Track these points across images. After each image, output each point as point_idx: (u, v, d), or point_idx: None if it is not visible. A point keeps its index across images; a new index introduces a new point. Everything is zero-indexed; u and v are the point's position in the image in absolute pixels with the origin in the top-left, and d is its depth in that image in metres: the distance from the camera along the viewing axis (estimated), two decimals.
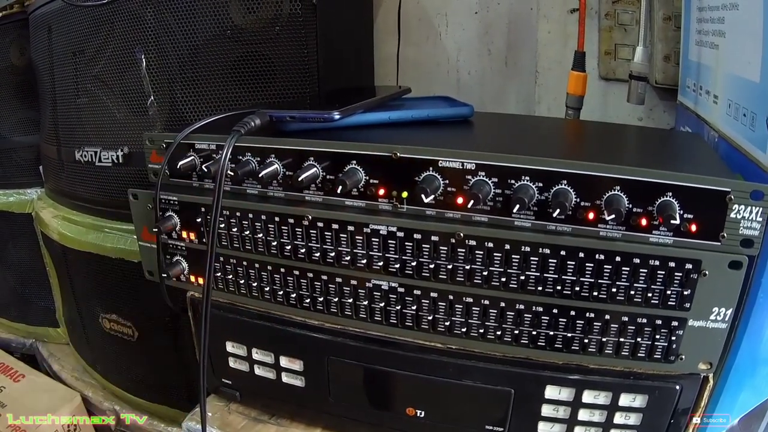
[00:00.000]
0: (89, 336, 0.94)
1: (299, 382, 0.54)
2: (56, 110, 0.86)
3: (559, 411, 0.47)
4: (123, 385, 0.92)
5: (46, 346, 1.10)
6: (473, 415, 0.49)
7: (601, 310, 0.43)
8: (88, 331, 0.94)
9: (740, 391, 0.46)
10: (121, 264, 0.80)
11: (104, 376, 0.95)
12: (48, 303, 1.06)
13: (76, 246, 0.85)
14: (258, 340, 0.54)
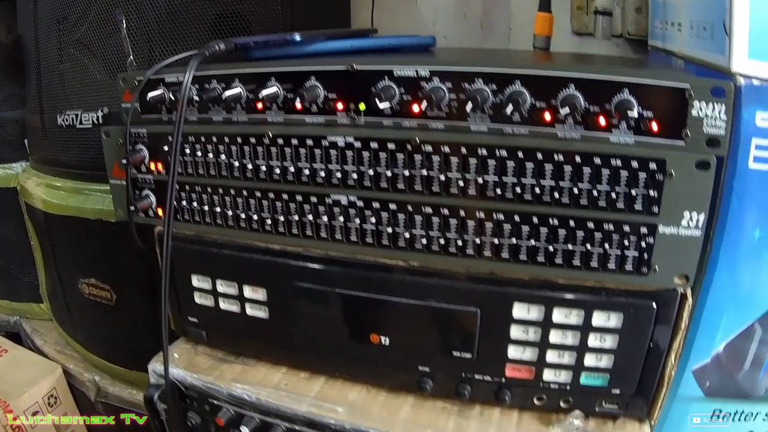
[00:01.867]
0: (70, 305, 0.94)
1: (263, 314, 0.54)
2: (40, 78, 0.87)
3: (530, 332, 0.46)
4: (103, 353, 0.91)
5: (29, 323, 1.09)
6: (439, 341, 0.48)
7: (564, 216, 0.42)
8: (68, 300, 0.93)
9: (722, 312, 0.45)
10: (100, 225, 0.80)
11: (85, 346, 0.94)
12: (32, 279, 1.06)
13: (57, 211, 0.85)
14: (222, 270, 0.54)
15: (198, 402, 0.56)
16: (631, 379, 0.45)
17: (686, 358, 0.47)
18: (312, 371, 0.55)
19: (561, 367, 0.46)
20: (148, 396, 0.57)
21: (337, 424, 0.49)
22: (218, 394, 0.54)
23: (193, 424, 0.58)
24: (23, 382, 0.94)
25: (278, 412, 0.51)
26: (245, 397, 0.53)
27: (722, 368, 0.47)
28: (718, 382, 0.48)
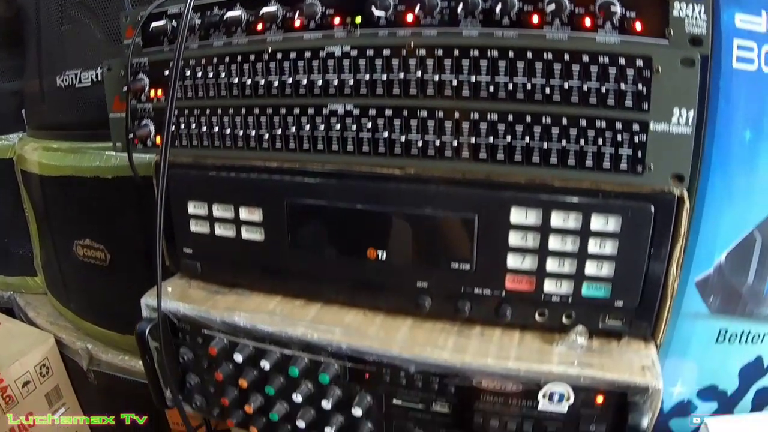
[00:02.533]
0: (64, 272, 0.92)
1: (258, 236, 0.53)
2: (40, 44, 0.88)
3: (528, 239, 0.45)
4: (96, 319, 0.89)
5: (23, 297, 1.07)
6: (437, 252, 0.47)
7: (557, 114, 0.42)
8: (63, 267, 0.92)
9: (720, 217, 0.45)
10: (96, 183, 0.79)
11: (78, 314, 0.92)
12: (26, 251, 1.05)
13: (54, 173, 0.85)
14: (218, 193, 0.54)
15: (190, 335, 0.55)
16: (634, 290, 0.45)
17: (688, 269, 0.46)
18: (307, 298, 0.54)
19: (561, 276, 0.45)
20: (140, 330, 0.56)
21: (334, 346, 0.48)
22: (211, 323, 0.53)
23: (185, 360, 0.57)
24: (15, 353, 0.92)
25: (272, 338, 0.50)
26: (239, 323, 0.51)
27: (725, 280, 0.47)
28: (722, 296, 0.47)
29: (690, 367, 0.49)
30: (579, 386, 0.44)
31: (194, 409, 0.60)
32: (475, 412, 0.46)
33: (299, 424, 0.51)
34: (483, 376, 0.45)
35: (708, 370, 0.49)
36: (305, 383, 0.50)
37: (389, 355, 0.47)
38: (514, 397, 0.45)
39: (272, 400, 0.53)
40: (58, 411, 0.97)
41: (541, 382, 0.44)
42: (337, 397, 0.49)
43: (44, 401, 0.94)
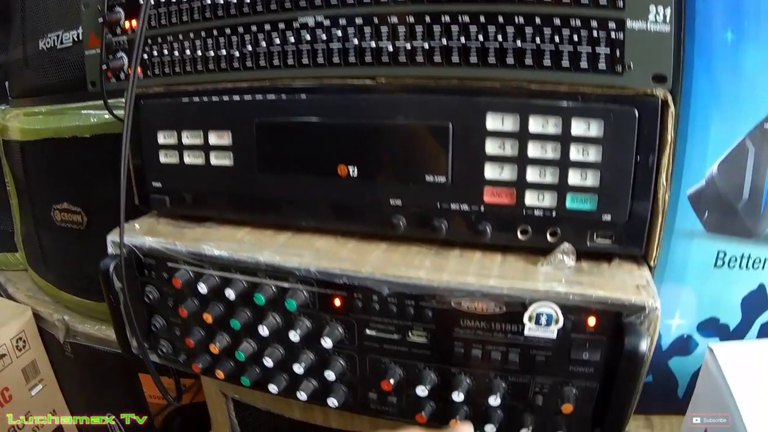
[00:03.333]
0: (42, 242, 0.90)
1: (227, 161, 0.50)
2: (24, 10, 0.87)
3: (506, 147, 0.42)
4: (73, 288, 0.86)
5: (3, 274, 1.04)
6: (411, 165, 0.44)
7: (530, 13, 0.39)
8: (41, 237, 0.89)
9: (709, 123, 0.42)
10: (74, 143, 0.77)
11: (56, 284, 0.89)
12: (7, 227, 1.02)
13: (34, 137, 0.83)
14: (188, 120, 0.51)
15: (156, 271, 0.52)
16: (622, 202, 0.41)
17: (679, 181, 0.43)
18: (277, 227, 0.51)
19: (543, 187, 0.42)
20: (103, 267, 0.52)
21: (302, 270, 0.44)
22: (177, 254, 0.49)
23: (150, 299, 0.53)
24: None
25: (238, 265, 0.47)
26: (205, 252, 0.48)
27: (719, 194, 0.43)
28: (717, 213, 0.44)
29: (688, 296, 0.46)
30: (568, 306, 0.40)
31: (161, 357, 0.56)
32: (455, 340, 0.43)
33: (266, 362, 0.47)
34: (463, 297, 0.41)
35: (708, 300, 0.46)
36: (272, 314, 0.47)
37: (361, 276, 0.43)
38: (497, 321, 0.41)
39: (238, 336, 0.49)
40: (35, 388, 0.93)
41: (527, 301, 0.40)
42: (305, 328, 0.46)
43: (21, 376, 0.90)
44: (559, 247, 0.43)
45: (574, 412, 0.42)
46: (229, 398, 0.64)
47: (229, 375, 0.51)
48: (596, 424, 0.44)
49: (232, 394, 0.63)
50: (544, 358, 0.42)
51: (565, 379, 0.42)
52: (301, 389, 0.48)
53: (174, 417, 0.82)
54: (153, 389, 0.82)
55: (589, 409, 0.43)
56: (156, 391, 0.82)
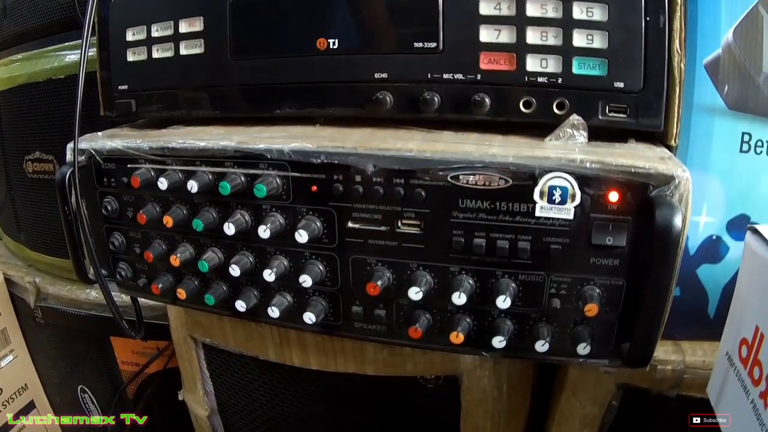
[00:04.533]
0: (15, 200, 0.83)
1: (198, 49, 0.44)
2: None
3: (502, 6, 0.36)
4: (44, 247, 0.79)
5: None
6: (396, 32, 0.38)
7: None
8: (14, 195, 0.83)
9: None
10: (48, 86, 0.71)
11: (28, 245, 0.82)
12: None
13: (9, 85, 0.77)
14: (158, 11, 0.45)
15: (116, 177, 0.45)
16: (635, 67, 0.35)
17: (693, 48, 0.37)
18: (252, 121, 0.44)
19: (547, 50, 0.36)
20: (59, 176, 0.46)
21: (274, 151, 0.38)
22: (138, 152, 0.43)
23: (109, 210, 0.46)
24: None
25: (204, 155, 0.40)
26: (168, 145, 0.41)
27: (737, 63, 0.37)
28: (738, 86, 0.37)
29: (715, 187, 0.39)
30: (585, 177, 0.33)
31: (120, 283, 0.49)
32: (453, 228, 0.36)
33: (233, 272, 0.40)
34: (461, 170, 0.35)
35: (736, 193, 0.39)
36: (239, 211, 0.40)
37: (342, 152, 0.36)
38: (502, 199, 0.35)
39: (201, 244, 0.42)
40: (5, 359, 0.85)
41: (537, 172, 0.34)
42: (278, 224, 0.39)
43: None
44: (567, 120, 0.37)
45: (598, 315, 0.35)
46: (199, 344, 0.56)
47: (191, 294, 0.44)
48: (621, 337, 0.37)
49: (201, 337, 0.55)
50: (560, 247, 0.35)
51: (587, 274, 0.35)
52: (273, 304, 0.41)
53: (147, 384, 0.74)
54: (125, 354, 0.74)
55: (613, 316, 0.36)
56: (129, 356, 0.74)
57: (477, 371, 0.46)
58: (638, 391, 0.45)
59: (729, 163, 0.39)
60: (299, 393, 0.51)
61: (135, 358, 0.73)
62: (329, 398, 0.52)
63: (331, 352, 0.48)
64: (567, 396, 0.47)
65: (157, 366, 0.71)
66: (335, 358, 0.48)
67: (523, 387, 0.50)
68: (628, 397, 0.46)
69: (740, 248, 0.42)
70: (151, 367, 0.72)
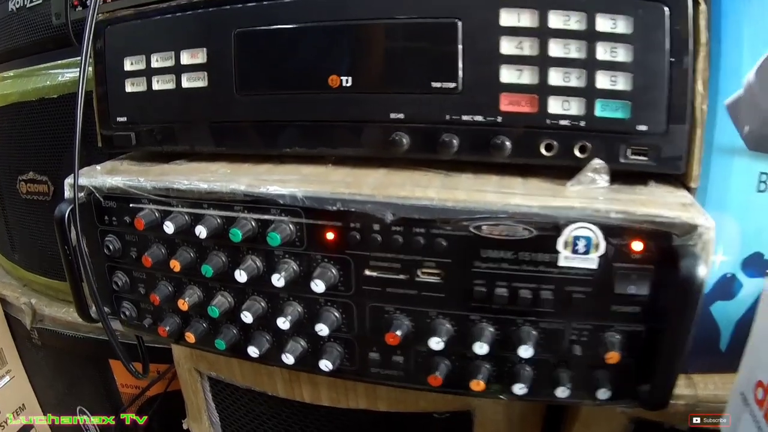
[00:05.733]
0: (9, 220, 0.78)
1: (201, 83, 0.40)
2: None
3: (525, 46, 0.33)
4: (39, 268, 0.74)
5: None
6: (414, 71, 0.35)
7: None
8: (7, 215, 0.77)
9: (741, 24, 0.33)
10: (41, 106, 0.66)
11: (22, 265, 0.77)
12: None
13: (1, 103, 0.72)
14: (158, 41, 0.41)
15: (117, 216, 0.41)
16: (658, 109, 0.33)
17: (715, 90, 0.35)
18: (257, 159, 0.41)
19: (569, 92, 0.33)
20: (58, 214, 0.42)
21: (287, 197, 0.35)
22: (141, 191, 0.39)
23: (111, 250, 0.43)
24: None
25: (211, 197, 0.36)
26: (172, 185, 0.38)
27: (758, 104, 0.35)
28: (758, 126, 0.35)
29: (731, 227, 0.37)
30: (609, 227, 0.31)
31: (124, 323, 0.45)
32: (474, 278, 0.33)
33: (245, 318, 0.37)
34: (483, 220, 0.32)
35: (752, 232, 0.37)
36: (251, 257, 0.36)
37: (359, 200, 0.33)
38: (525, 249, 0.32)
39: (211, 287, 0.39)
40: (2, 380, 0.80)
41: (561, 222, 0.31)
42: (291, 272, 0.36)
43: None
44: (589, 164, 0.34)
45: (620, 362, 0.33)
46: (204, 377, 0.53)
47: (200, 338, 0.41)
48: (639, 379, 0.35)
49: (207, 371, 0.52)
50: (582, 296, 0.32)
51: (607, 321, 0.33)
52: (287, 351, 0.38)
53: (147, 407, 0.70)
54: (125, 377, 0.70)
55: (631, 360, 0.34)
56: (128, 379, 0.70)
57: (490, 406, 0.45)
58: (651, 425, 0.43)
59: (746, 202, 0.37)
60: (308, 428, 0.48)
61: (135, 381, 0.69)
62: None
63: (342, 389, 0.45)
64: (578, 430, 0.46)
65: (157, 389, 0.68)
66: (347, 395, 0.45)
67: (535, 419, 0.48)
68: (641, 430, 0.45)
69: (753, 285, 0.40)
70: (151, 390, 0.68)
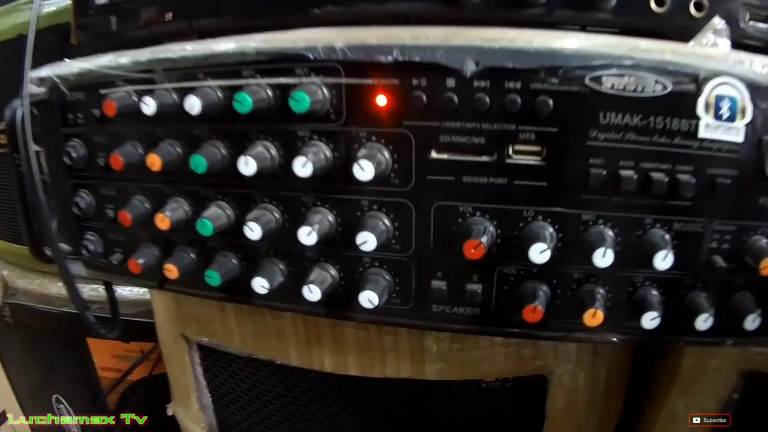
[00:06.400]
0: None
1: None
2: None
3: None
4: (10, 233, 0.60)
5: None
6: None
7: None
8: None
9: None
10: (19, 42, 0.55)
11: None
12: None
13: None
14: None
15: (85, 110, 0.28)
16: None
17: None
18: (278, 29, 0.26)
19: None
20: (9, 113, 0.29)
21: (321, 48, 0.22)
22: (118, 70, 0.26)
23: (74, 157, 0.30)
24: None
25: (210, 64, 0.24)
26: (158, 55, 0.26)
27: None
28: None
29: None
30: (757, 85, 0.20)
31: (87, 262, 0.32)
32: (590, 154, 0.21)
33: (250, 233, 0.24)
34: (605, 68, 0.20)
35: None
36: (262, 141, 0.24)
37: (425, 45, 0.21)
38: (658, 114, 0.20)
39: (203, 198, 0.26)
40: None
41: (701, 75, 0.20)
42: (322, 156, 0.23)
43: None
44: (709, 23, 0.23)
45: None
46: (193, 345, 0.38)
47: (186, 271, 0.27)
48: None
49: (197, 337, 0.37)
50: (727, 181, 0.21)
51: (754, 220, 0.22)
52: (311, 281, 0.24)
53: (130, 394, 0.56)
54: (104, 358, 0.56)
55: None
56: (108, 361, 0.55)
57: (572, 368, 0.31)
58: (766, 378, 0.30)
59: None
60: (328, 406, 0.35)
61: (116, 363, 0.54)
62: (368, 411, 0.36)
63: (378, 351, 0.31)
64: (678, 391, 0.32)
65: (141, 372, 0.53)
66: (383, 359, 0.31)
67: (620, 383, 0.35)
68: (753, 388, 0.33)
69: None
70: (134, 374, 0.53)
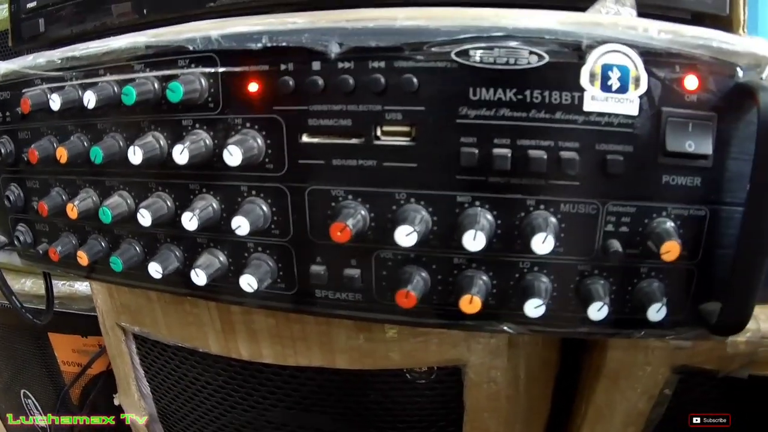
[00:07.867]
0: None
1: None
2: None
3: None
4: None
5: None
6: None
7: None
8: None
9: None
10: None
11: None
12: None
13: None
14: None
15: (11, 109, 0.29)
16: None
17: None
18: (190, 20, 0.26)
19: None
20: None
21: (199, 39, 0.22)
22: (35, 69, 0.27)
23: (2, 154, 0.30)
24: None
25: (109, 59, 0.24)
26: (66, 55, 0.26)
27: None
28: None
29: None
30: (653, 52, 0.19)
31: (20, 252, 0.33)
32: (461, 132, 0.20)
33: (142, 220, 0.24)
34: (473, 41, 0.19)
35: None
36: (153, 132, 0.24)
37: (291, 30, 0.21)
38: (535, 87, 0.20)
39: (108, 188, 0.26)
40: None
41: (584, 44, 0.19)
42: (201, 144, 0.22)
43: None
44: None
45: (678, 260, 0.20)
46: (129, 335, 0.38)
47: (95, 258, 0.27)
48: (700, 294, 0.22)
49: (130, 325, 0.37)
50: (620, 158, 0.20)
51: (657, 201, 0.20)
52: (198, 265, 0.24)
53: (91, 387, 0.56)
54: (65, 352, 0.56)
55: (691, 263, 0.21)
56: (69, 355, 0.55)
57: (488, 359, 0.30)
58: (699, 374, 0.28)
59: None
60: (251, 395, 0.34)
61: (76, 357, 0.54)
62: (290, 400, 0.35)
63: (288, 340, 0.30)
64: (606, 386, 0.31)
65: (100, 366, 0.53)
66: (294, 347, 0.31)
67: (546, 377, 0.33)
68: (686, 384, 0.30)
69: None
70: (94, 368, 0.53)
